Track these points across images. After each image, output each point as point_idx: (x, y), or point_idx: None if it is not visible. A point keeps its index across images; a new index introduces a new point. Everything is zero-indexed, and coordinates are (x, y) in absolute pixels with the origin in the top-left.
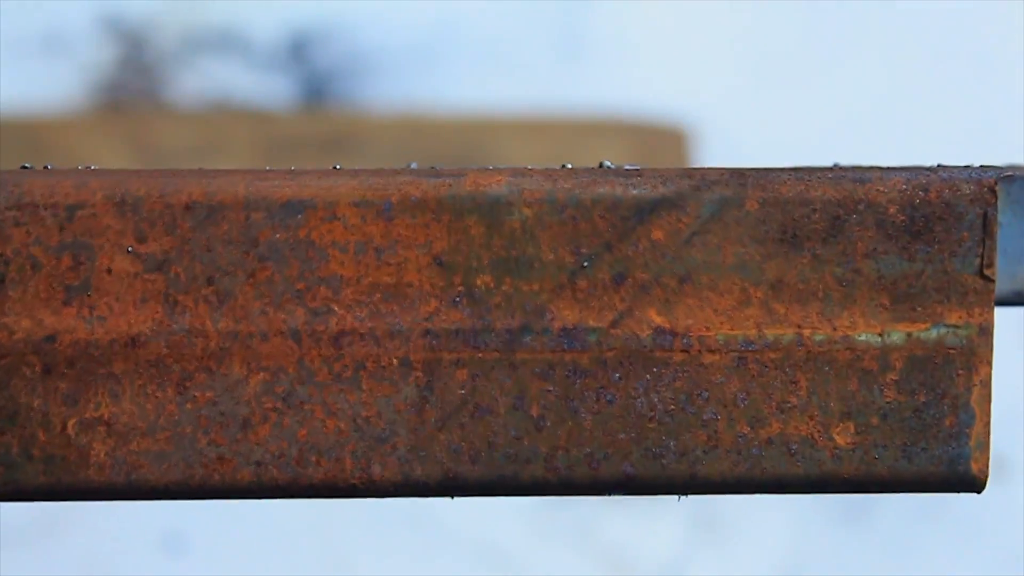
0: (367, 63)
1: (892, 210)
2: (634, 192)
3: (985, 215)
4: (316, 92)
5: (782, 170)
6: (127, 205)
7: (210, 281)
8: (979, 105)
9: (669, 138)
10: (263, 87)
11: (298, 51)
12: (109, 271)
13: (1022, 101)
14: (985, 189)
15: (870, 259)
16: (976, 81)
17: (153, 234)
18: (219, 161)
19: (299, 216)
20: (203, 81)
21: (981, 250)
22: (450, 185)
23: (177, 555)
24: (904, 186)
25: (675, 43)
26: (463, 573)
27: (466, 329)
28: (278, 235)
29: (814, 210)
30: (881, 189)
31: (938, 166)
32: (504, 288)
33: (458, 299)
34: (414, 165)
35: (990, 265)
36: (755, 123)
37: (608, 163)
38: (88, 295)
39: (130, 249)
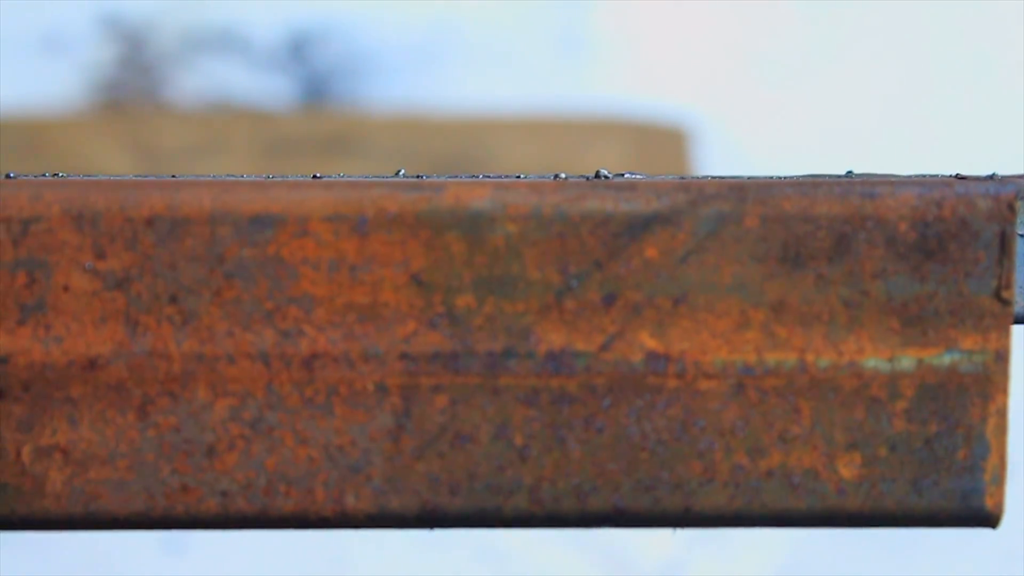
0: (367, 63)
1: (903, 227)
2: (626, 207)
3: (1003, 233)
4: (316, 92)
5: (785, 184)
6: (85, 219)
7: (173, 300)
8: (981, 106)
9: (669, 138)
10: (263, 87)
11: (298, 51)
12: (66, 289)
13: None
14: (1003, 205)
15: (878, 280)
16: (978, 82)
17: (113, 250)
18: (219, 161)
19: (268, 231)
20: (203, 81)
21: (998, 271)
22: (429, 199)
23: (177, 555)
24: (916, 202)
25: (675, 43)
26: (463, 573)
27: (446, 352)
28: (246, 251)
29: (819, 227)
30: (891, 205)
31: (955, 176)
32: (486, 309)
33: (437, 320)
34: (403, 172)
35: (1008, 287)
36: (755, 123)
37: (605, 172)
38: (44, 314)
39: (89, 266)
